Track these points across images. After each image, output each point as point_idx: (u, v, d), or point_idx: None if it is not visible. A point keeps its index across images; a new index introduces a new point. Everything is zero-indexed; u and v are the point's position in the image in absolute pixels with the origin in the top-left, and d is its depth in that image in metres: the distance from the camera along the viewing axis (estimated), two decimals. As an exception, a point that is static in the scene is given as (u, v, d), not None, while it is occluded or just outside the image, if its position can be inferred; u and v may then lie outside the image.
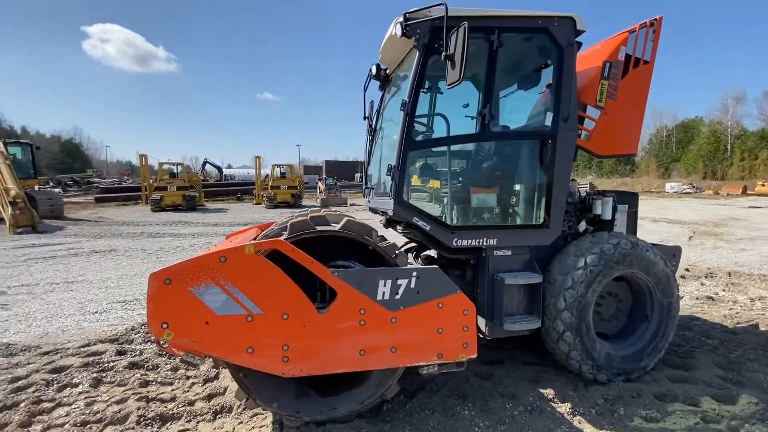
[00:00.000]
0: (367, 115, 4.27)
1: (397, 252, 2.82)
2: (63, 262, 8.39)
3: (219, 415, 2.94)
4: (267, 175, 25.98)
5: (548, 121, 3.20)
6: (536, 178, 3.26)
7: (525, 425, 2.77)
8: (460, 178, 3.28)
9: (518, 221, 3.26)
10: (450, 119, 3.86)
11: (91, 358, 3.76)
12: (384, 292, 2.56)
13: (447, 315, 2.65)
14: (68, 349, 4.03)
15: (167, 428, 2.79)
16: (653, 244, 4.10)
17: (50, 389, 3.23)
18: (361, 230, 2.71)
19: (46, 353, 3.96)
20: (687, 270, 6.81)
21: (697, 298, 5.47)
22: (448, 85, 2.65)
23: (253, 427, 2.78)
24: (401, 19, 2.92)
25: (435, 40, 2.91)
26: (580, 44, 3.40)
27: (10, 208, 12.98)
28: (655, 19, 3.71)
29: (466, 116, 4.07)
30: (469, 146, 3.50)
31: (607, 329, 3.48)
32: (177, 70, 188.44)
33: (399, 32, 2.96)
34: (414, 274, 2.59)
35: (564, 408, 2.93)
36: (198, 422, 2.87)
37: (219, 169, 46.47)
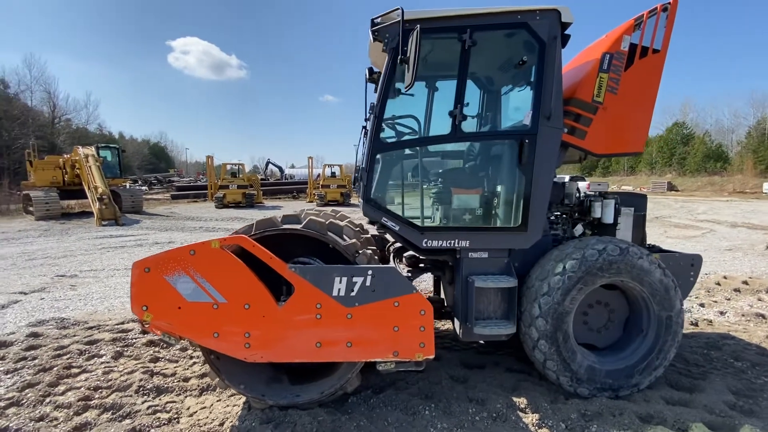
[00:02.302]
0: (366, 117, 4.39)
1: (360, 251, 2.92)
2: (128, 252, 9.59)
3: (204, 393, 3.26)
4: (318, 175, 27.09)
5: (527, 120, 3.07)
6: (514, 179, 3.14)
7: (483, 431, 2.71)
8: (432, 179, 3.27)
9: (493, 223, 3.17)
10: (438, 119, 3.85)
11: (120, 335, 4.33)
12: (339, 289, 2.67)
13: (403, 314, 2.69)
14: (107, 325, 4.68)
15: (159, 399, 3.17)
16: (669, 252, 3.76)
17: (81, 358, 3.81)
18: (323, 229, 2.85)
19: (90, 328, 4.63)
20: (745, 283, 5.97)
21: (743, 315, 4.80)
22: (405, 88, 2.68)
23: (228, 405, 3.05)
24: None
25: (405, 43, 2.95)
26: (568, 37, 3.21)
27: (97, 204, 15.09)
28: (669, 3, 3.37)
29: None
30: (444, 147, 3.46)
31: (597, 341, 3.25)
32: (247, 77, 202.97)
33: (371, 37, 3.04)
34: (369, 272, 2.67)
35: (531, 419, 2.81)
36: (186, 396, 3.22)
37: (280, 168, 49.28)
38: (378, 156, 3.05)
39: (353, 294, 2.66)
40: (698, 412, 2.80)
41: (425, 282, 5.86)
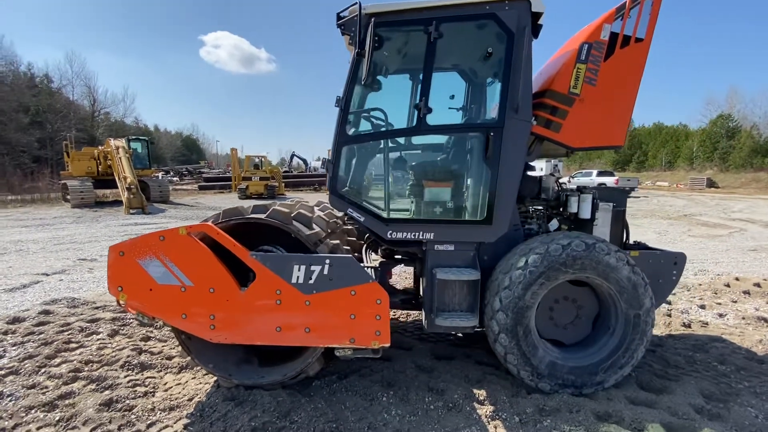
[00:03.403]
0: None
1: (322, 241, 3.01)
2: (148, 238, 10.10)
3: (183, 370, 3.46)
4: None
5: (493, 113, 3.04)
6: (480, 172, 3.13)
7: (435, 420, 2.76)
8: (397, 172, 3.30)
9: (458, 216, 3.17)
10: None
11: (120, 314, 4.64)
12: (298, 276, 2.77)
13: (360, 302, 2.77)
14: (111, 306, 5.01)
15: (142, 374, 3.40)
16: (653, 249, 3.64)
17: (81, 334, 4.12)
18: (286, 219, 2.95)
19: (96, 308, 4.98)
20: (757, 285, 5.64)
21: (744, 318, 4.55)
22: (363, 82, 2.72)
23: (201, 383, 3.24)
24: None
25: (377, 36, 2.98)
26: (539, 27, 3.14)
27: (126, 193, 15.95)
28: (654, -11, 3.22)
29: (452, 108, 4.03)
30: (412, 139, 3.46)
31: (563, 337, 3.21)
32: (276, 70, 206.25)
33: (341, 31, 3.09)
34: (327, 261, 2.76)
35: (486, 410, 2.83)
36: (166, 373, 3.44)
37: (305, 161, 50.04)
38: (344, 148, 3.10)
39: (311, 282, 2.76)
40: (659, 414, 2.73)
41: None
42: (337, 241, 3.26)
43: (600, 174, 27.61)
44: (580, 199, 3.45)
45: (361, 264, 3.31)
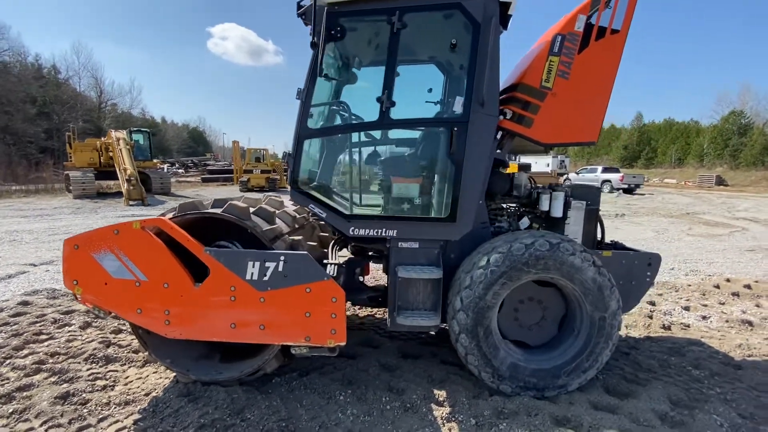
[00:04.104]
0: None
1: (279, 236, 2.95)
2: (141, 230, 10.15)
3: (147, 365, 3.45)
4: (340, 161, 27.29)
5: (457, 107, 2.95)
6: (444, 169, 3.04)
7: (390, 420, 2.71)
8: (359, 166, 3.21)
9: (421, 213, 3.09)
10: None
11: (96, 307, 4.64)
12: (253, 273, 2.72)
13: (315, 300, 2.72)
14: (90, 297, 5.02)
15: (105, 367, 3.39)
16: (629, 249, 3.54)
17: (53, 326, 4.13)
18: (242, 214, 2.89)
19: (74, 299, 4.99)
20: (747, 287, 5.49)
21: (727, 321, 4.43)
22: (319, 74, 2.64)
23: (161, 377, 3.22)
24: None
25: (331, 26, 2.89)
26: (509, 17, 3.03)
27: (125, 184, 16.05)
28: (631, -22, 3.08)
29: (428, 102, 3.93)
30: (374, 134, 3.37)
31: (528, 338, 3.13)
32: (284, 63, 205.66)
33: (303, 21, 3.00)
34: (282, 258, 2.70)
35: (442, 412, 2.78)
36: (129, 367, 3.42)
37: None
38: (305, 142, 3.03)
39: (266, 278, 2.71)
40: (620, 420, 2.65)
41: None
42: (300, 237, 3.20)
43: (605, 170, 27.20)
44: (552, 197, 3.35)
45: (325, 261, 3.27)
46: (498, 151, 3.31)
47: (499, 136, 3.43)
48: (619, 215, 14.02)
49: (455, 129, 2.91)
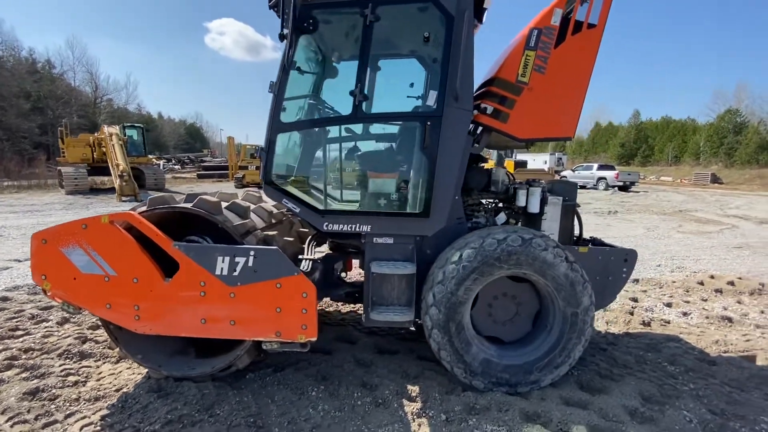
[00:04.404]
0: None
1: (251, 231, 2.93)
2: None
3: (122, 360, 3.42)
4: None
5: (431, 101, 2.92)
6: (418, 164, 3.02)
7: (360, 416, 2.70)
8: (333, 161, 3.19)
9: (394, 208, 3.06)
10: (379, 100, 3.74)
11: (76, 302, 4.61)
12: (222, 268, 2.70)
13: (285, 295, 2.70)
14: (71, 293, 4.98)
15: (78, 363, 3.36)
16: (606, 245, 3.53)
17: (30, 322, 4.10)
18: (213, 209, 2.87)
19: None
20: (731, 284, 5.50)
21: (707, 317, 4.44)
22: (289, 67, 2.61)
23: (134, 373, 3.20)
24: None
25: (302, 19, 2.86)
26: (483, 10, 3.00)
27: (118, 180, 15.96)
28: (608, -29, 3.06)
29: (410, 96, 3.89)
30: (350, 128, 3.32)
31: (502, 334, 3.12)
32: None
33: (275, 13, 2.96)
34: (252, 253, 2.68)
35: (413, 407, 2.77)
36: (103, 363, 3.40)
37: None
38: (278, 136, 3.00)
39: (236, 274, 2.69)
40: (589, 416, 2.64)
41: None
42: (274, 233, 3.18)
43: (601, 168, 27.22)
44: (529, 192, 3.33)
45: (300, 256, 3.25)
46: (475, 146, 3.29)
47: (477, 131, 3.42)
48: (612, 212, 14.04)
49: (428, 123, 2.88)
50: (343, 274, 3.83)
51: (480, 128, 3.35)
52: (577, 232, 3.62)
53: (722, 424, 2.63)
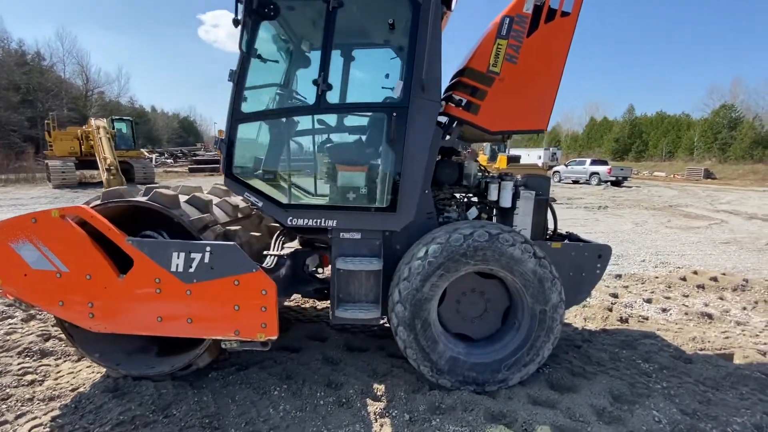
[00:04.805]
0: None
1: (209, 225, 2.82)
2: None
3: (82, 359, 3.33)
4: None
5: (397, 92, 2.81)
6: (384, 156, 2.92)
7: (321, 416, 2.63)
8: (296, 153, 3.08)
9: (360, 202, 2.96)
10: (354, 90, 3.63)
11: (45, 299, 4.50)
12: (178, 264, 2.60)
13: (243, 293, 2.61)
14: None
15: (39, 361, 3.26)
16: (581, 241, 3.46)
17: (-7, 318, 3.99)
18: (170, 203, 2.76)
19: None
20: (714, 280, 5.46)
21: (686, 314, 4.39)
22: (248, 53, 2.49)
23: (93, 372, 3.10)
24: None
25: (261, 3, 2.74)
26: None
27: (105, 174, 15.73)
28: (582, -43, 2.95)
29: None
30: (315, 120, 3.20)
31: (471, 331, 3.05)
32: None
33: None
34: (208, 249, 2.58)
35: (377, 407, 2.70)
36: (65, 361, 3.30)
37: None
38: (239, 127, 2.89)
39: (192, 270, 2.60)
40: (555, 415, 2.58)
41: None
42: (237, 227, 3.08)
43: (593, 163, 27.20)
44: (501, 186, 3.24)
45: (265, 252, 3.16)
46: (446, 138, 3.19)
47: (448, 123, 3.32)
48: (603, 207, 14.02)
49: (394, 115, 2.78)
50: (320, 270, 3.73)
51: (450, 120, 3.26)
52: (552, 227, 3.54)
53: (692, 425, 2.57)
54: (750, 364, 3.30)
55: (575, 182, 26.71)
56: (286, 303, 4.37)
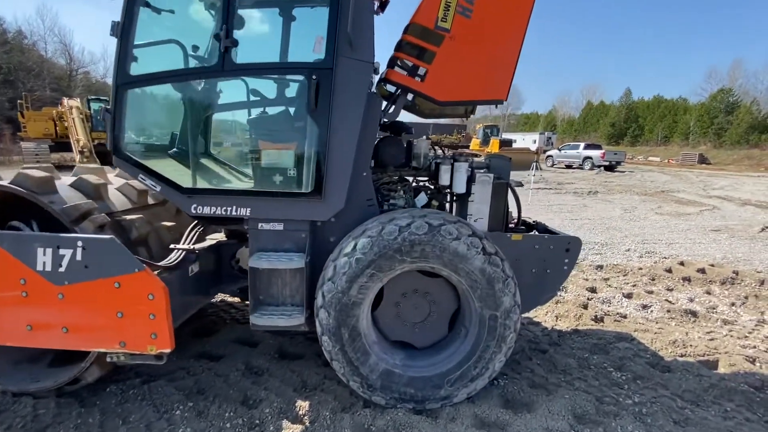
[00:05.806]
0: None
1: (87, 215, 2.32)
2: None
3: None
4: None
5: (318, 49, 2.29)
6: (304, 130, 2.41)
7: (224, 443, 2.19)
8: (198, 126, 2.56)
9: (276, 187, 2.45)
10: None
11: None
12: (45, 262, 2.12)
13: (126, 297, 2.15)
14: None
15: None
16: (549, 232, 3.00)
17: None
18: (39, 187, 2.26)
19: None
20: (701, 271, 5.05)
21: (669, 311, 3.98)
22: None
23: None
24: None
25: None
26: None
27: (78, 156, 15.04)
28: None
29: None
30: (215, 85, 2.63)
31: (414, 339, 2.61)
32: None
33: None
34: (79, 244, 2.10)
35: (295, 430, 2.27)
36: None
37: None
38: (127, 93, 2.36)
39: (62, 270, 2.12)
40: (502, 441, 2.17)
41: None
42: (135, 216, 2.59)
43: (587, 147, 26.64)
44: (454, 168, 2.75)
45: (172, 245, 2.68)
46: (390, 111, 2.69)
47: (393, 93, 2.81)
48: (593, 192, 13.58)
49: (315, 78, 2.26)
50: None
51: (395, 89, 2.75)
52: (516, 216, 3.08)
53: (663, 451, 2.17)
54: (736, 374, 2.90)
55: (568, 167, 26.19)
56: (212, 301, 3.89)
